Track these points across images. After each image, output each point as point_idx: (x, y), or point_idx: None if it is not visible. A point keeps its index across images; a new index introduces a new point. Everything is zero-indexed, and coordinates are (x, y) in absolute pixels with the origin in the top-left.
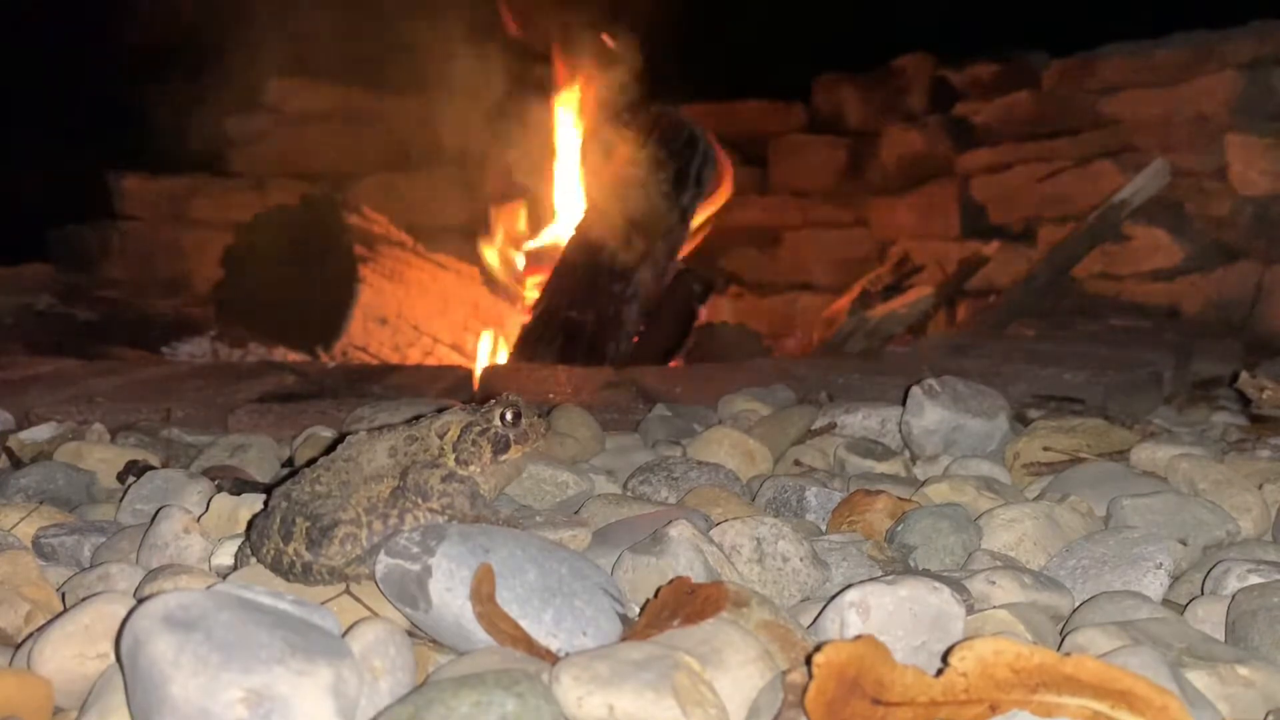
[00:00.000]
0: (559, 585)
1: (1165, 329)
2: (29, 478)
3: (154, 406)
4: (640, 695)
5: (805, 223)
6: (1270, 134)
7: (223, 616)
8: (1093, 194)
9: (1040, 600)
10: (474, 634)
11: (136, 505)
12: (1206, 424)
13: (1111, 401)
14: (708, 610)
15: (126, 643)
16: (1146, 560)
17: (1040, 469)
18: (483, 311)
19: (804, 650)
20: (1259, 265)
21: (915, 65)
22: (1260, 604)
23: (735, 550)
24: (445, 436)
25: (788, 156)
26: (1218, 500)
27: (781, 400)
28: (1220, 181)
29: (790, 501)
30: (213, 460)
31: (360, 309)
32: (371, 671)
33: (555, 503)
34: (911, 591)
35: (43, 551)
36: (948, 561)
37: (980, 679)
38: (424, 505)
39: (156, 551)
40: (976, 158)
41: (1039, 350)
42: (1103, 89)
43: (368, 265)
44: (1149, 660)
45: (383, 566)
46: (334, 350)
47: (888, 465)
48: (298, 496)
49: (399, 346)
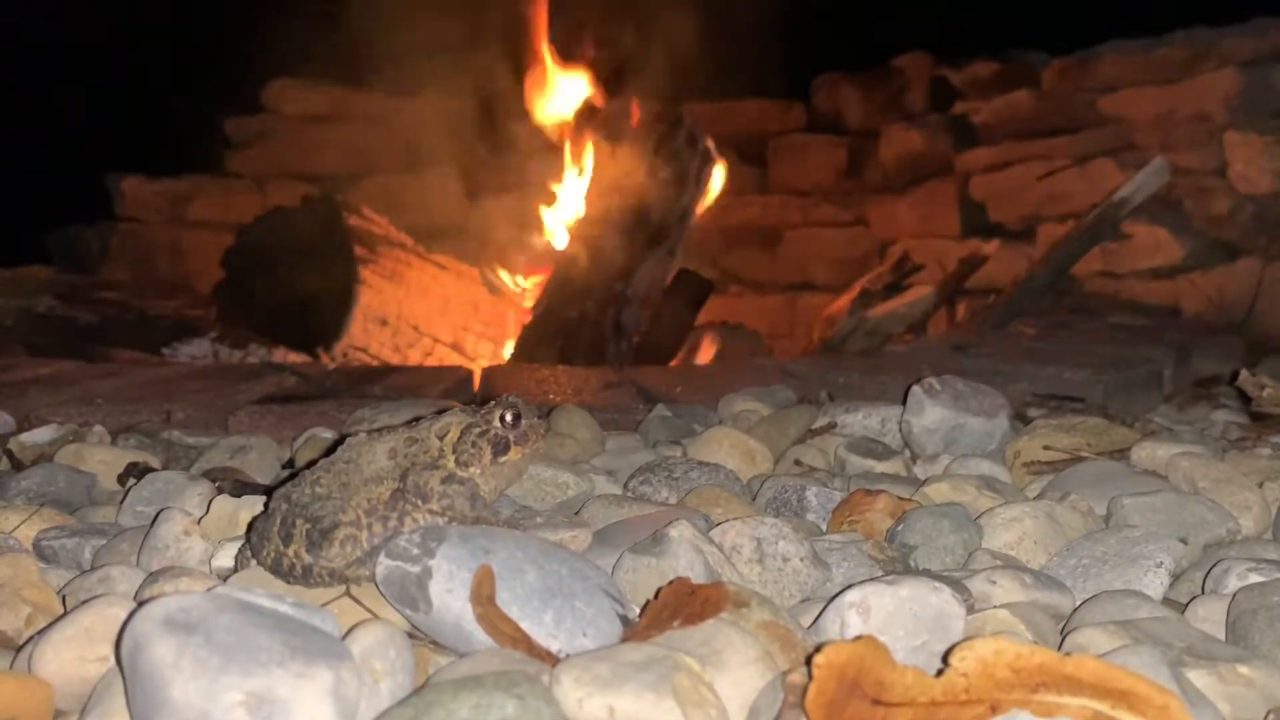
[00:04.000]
0: (559, 586)
1: (1165, 327)
2: (30, 480)
3: (154, 408)
4: (640, 696)
5: (805, 222)
6: (1270, 132)
7: (223, 619)
8: (1093, 192)
9: (1041, 600)
10: (474, 636)
11: (137, 507)
12: (1207, 422)
13: (1112, 400)
14: (708, 611)
15: (127, 645)
16: (1147, 559)
17: (1041, 468)
18: (483, 312)
19: (804, 651)
20: (1259, 263)
21: (915, 64)
22: (1261, 603)
23: (735, 551)
24: (445, 438)
25: (788, 156)
26: (1218, 499)
27: (781, 400)
28: (1220, 180)
29: (790, 501)
30: (213, 462)
31: (360, 310)
32: (372, 674)
33: (555, 504)
34: (912, 591)
35: (43, 554)
36: (948, 561)
37: (981, 679)
38: (424, 507)
39: (157, 554)
40: (976, 157)
41: (1039, 349)
42: (1102, 87)
43: (368, 266)
44: (1149, 659)
45: (383, 568)
46: (334, 351)
47: (888, 465)
48: (298, 498)
49: (399, 347)
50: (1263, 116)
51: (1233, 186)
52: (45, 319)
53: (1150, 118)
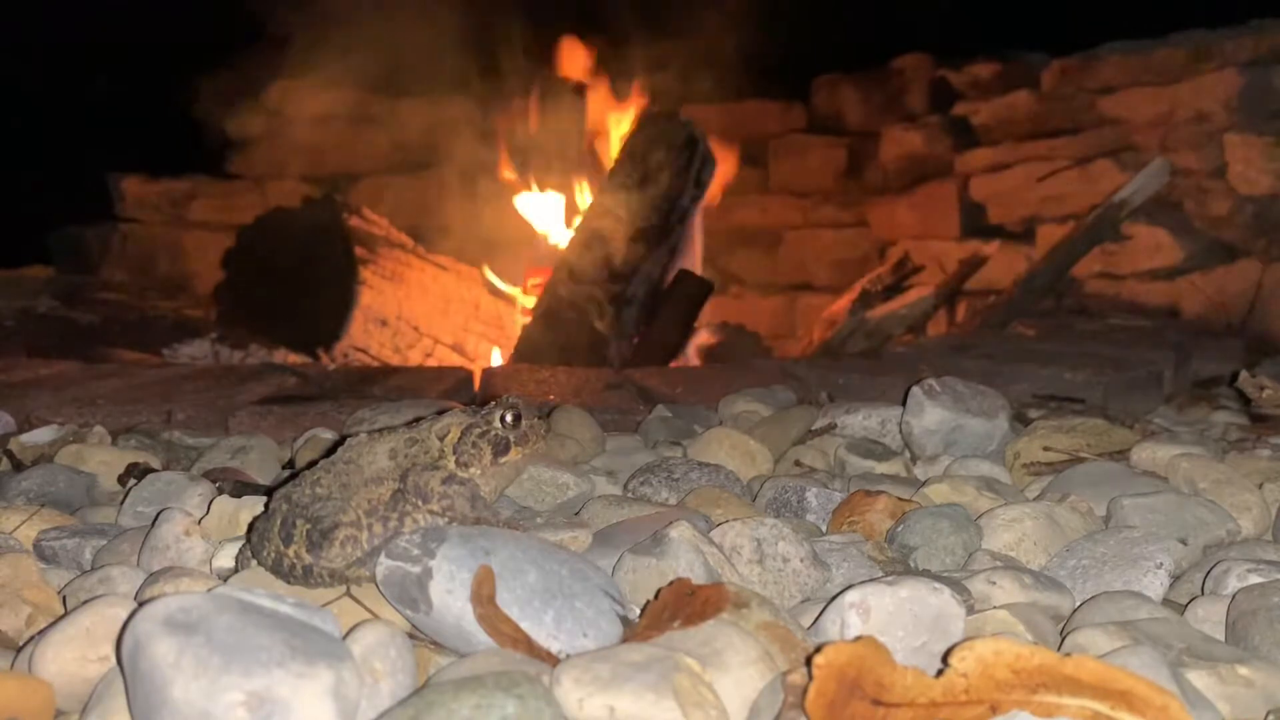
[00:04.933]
0: (559, 587)
1: (1165, 328)
2: (30, 480)
3: (155, 409)
4: (641, 697)
5: (805, 223)
6: (1270, 133)
7: (223, 619)
8: (1092, 193)
9: (1040, 600)
10: (475, 636)
11: (137, 508)
12: (1207, 423)
13: (1112, 401)
14: (708, 611)
15: (127, 645)
16: (1147, 560)
17: (1040, 469)
18: (483, 313)
19: (804, 651)
20: (1259, 264)
21: (915, 65)
22: (1260, 604)
23: (736, 551)
24: (445, 439)
25: (788, 157)
26: (1218, 500)
27: (782, 401)
28: (1220, 180)
29: (791, 502)
30: (213, 462)
31: (361, 310)
32: (372, 674)
33: (555, 504)
34: (912, 592)
35: (44, 554)
36: (948, 562)
37: (980, 679)
38: (424, 507)
39: (157, 554)
40: (976, 157)
41: (1039, 350)
42: (1102, 88)
43: (368, 266)
44: (1149, 660)
45: (383, 568)
46: (335, 352)
47: (888, 465)
48: (298, 499)
49: (399, 348)
50: (1262, 117)
51: (1232, 187)
52: (46, 319)
53: (1150, 118)
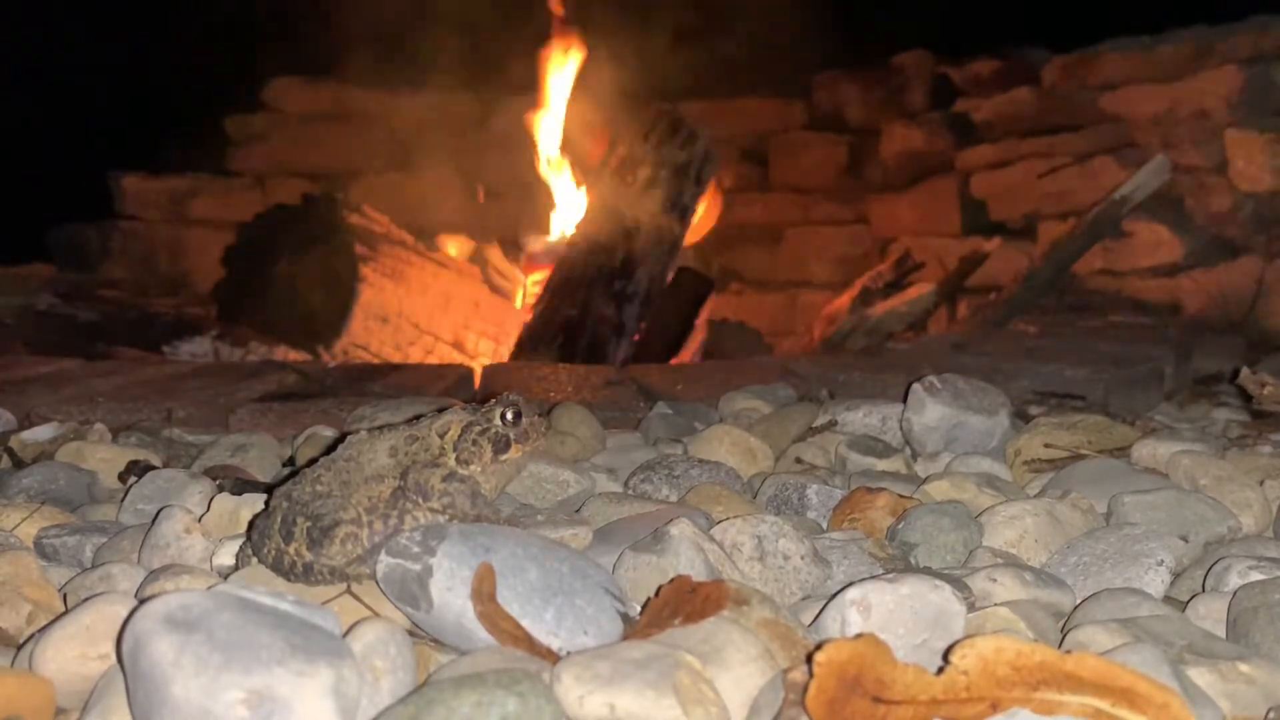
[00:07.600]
0: (560, 584)
1: (1166, 325)
2: (30, 478)
3: (155, 406)
4: (641, 694)
5: (806, 220)
6: (1271, 129)
7: (224, 617)
8: (1093, 190)
9: (1041, 597)
10: (475, 633)
11: (138, 505)
12: (1207, 420)
13: (1112, 398)
14: (709, 609)
15: (128, 643)
16: (1147, 557)
17: (1041, 466)
18: (484, 310)
19: (805, 649)
20: (1260, 261)
21: (915, 62)
22: (1261, 601)
23: (736, 548)
24: (446, 436)
25: (788, 154)
26: (1219, 496)
27: (782, 398)
28: (1221, 177)
29: (791, 499)
30: (214, 460)
31: (361, 308)
32: (372, 672)
33: (556, 501)
34: (912, 589)
35: (44, 552)
36: (949, 559)
37: (981, 677)
38: (425, 505)
39: (158, 552)
40: (977, 154)
41: (1040, 347)
42: (1103, 85)
43: (369, 264)
44: (1150, 657)
45: (384, 566)
46: (335, 349)
47: (889, 463)
48: (299, 496)
49: (400, 345)
50: (1264, 114)
51: (1233, 184)
52: (46, 317)
53: (1151, 115)
